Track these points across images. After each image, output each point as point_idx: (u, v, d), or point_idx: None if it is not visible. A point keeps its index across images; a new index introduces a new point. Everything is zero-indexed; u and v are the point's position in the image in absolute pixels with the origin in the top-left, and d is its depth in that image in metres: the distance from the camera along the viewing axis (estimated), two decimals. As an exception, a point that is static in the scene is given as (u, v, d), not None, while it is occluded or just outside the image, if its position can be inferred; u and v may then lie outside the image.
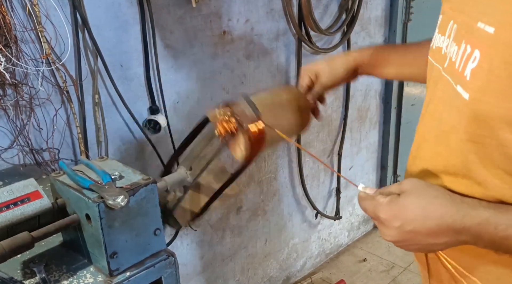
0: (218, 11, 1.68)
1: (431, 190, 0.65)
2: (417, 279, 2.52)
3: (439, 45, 0.72)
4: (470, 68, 0.60)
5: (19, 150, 1.28)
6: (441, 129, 0.70)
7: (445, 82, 0.68)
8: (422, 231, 0.63)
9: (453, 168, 0.67)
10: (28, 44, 1.24)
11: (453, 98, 0.65)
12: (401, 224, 0.64)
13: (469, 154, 0.64)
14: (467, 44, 0.61)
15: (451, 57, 0.66)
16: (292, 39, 2.00)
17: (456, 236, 0.61)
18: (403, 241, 0.66)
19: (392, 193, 0.67)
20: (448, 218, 0.61)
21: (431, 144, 0.73)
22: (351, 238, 2.86)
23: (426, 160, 0.75)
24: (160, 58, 1.54)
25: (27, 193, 0.81)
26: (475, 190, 0.64)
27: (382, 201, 0.67)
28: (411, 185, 0.66)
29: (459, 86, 0.63)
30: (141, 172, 0.86)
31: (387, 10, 2.46)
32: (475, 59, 0.59)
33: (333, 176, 2.53)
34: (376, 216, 0.68)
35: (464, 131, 0.63)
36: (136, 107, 1.52)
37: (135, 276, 0.83)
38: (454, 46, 0.66)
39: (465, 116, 0.62)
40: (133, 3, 1.43)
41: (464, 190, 0.65)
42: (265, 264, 2.31)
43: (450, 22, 0.68)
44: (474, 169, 0.64)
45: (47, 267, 0.85)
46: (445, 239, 0.62)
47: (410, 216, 0.63)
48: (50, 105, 1.32)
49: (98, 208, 0.75)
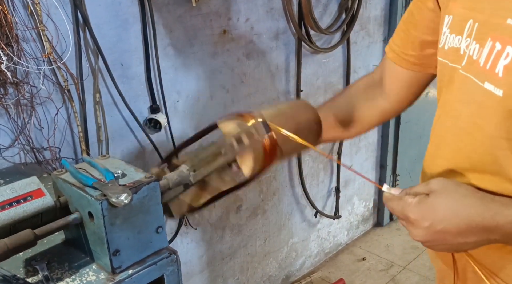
0: (218, 10, 1.68)
1: (461, 189, 0.64)
2: (416, 278, 2.52)
3: (454, 45, 0.71)
4: (502, 65, 0.60)
5: (20, 149, 1.28)
6: (460, 127, 0.69)
7: (464, 80, 0.68)
8: (451, 231, 0.63)
9: (480, 165, 0.67)
10: (29, 43, 1.24)
11: (476, 96, 0.65)
12: (430, 224, 0.64)
13: (501, 150, 0.63)
14: (496, 41, 0.61)
15: (470, 55, 0.66)
16: (292, 39, 2.00)
17: (486, 235, 0.61)
18: (432, 241, 0.66)
19: (420, 193, 0.67)
20: (477, 216, 0.61)
21: (452, 143, 0.73)
22: (350, 237, 2.87)
23: (448, 159, 0.74)
24: (160, 57, 1.54)
25: (29, 191, 0.81)
26: (506, 187, 0.64)
27: (410, 201, 0.66)
28: (440, 184, 0.66)
29: (488, 84, 0.62)
30: (143, 170, 0.87)
31: (386, 9, 2.47)
32: (508, 55, 0.59)
33: (332, 175, 2.54)
34: (405, 216, 0.67)
35: (496, 128, 0.63)
36: (136, 106, 1.52)
37: (137, 273, 0.84)
38: (474, 44, 0.65)
39: (498, 113, 0.62)
40: (133, 2, 1.44)
41: (493, 187, 0.65)
42: (265, 263, 2.32)
43: (469, 21, 0.68)
44: (506, 165, 0.63)
45: (49, 265, 0.85)
46: (475, 238, 0.62)
47: (440, 216, 0.63)
48: (51, 104, 1.32)
49: (101, 205, 0.75)
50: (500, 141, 0.63)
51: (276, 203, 2.25)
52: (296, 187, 2.33)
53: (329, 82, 2.28)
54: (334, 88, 2.32)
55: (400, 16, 2.47)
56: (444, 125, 0.76)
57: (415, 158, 2.84)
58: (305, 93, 2.14)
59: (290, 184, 2.29)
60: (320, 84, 2.23)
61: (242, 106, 1.88)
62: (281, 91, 2.05)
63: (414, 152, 2.84)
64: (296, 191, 2.34)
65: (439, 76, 0.78)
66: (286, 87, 2.06)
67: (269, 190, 2.18)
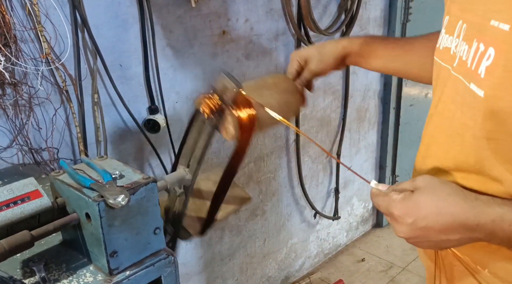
0: (218, 10, 1.68)
1: (445, 187, 0.65)
2: (416, 279, 2.52)
3: (447, 45, 0.72)
4: (484, 66, 0.60)
5: (18, 149, 1.28)
6: (453, 128, 0.70)
7: (455, 81, 0.68)
8: (434, 228, 0.63)
9: (465, 165, 0.68)
10: (27, 43, 1.23)
11: (466, 97, 0.65)
12: (413, 221, 0.64)
13: (484, 150, 0.64)
14: (480, 42, 0.62)
15: (461, 56, 0.67)
16: (291, 39, 2.00)
17: (469, 233, 0.62)
18: (415, 238, 0.67)
19: (406, 190, 0.68)
20: (461, 215, 0.61)
21: (442, 143, 0.73)
22: (349, 238, 2.87)
23: (437, 158, 0.75)
24: (159, 58, 1.54)
25: (27, 192, 0.81)
26: (489, 186, 0.65)
27: (395, 198, 0.67)
28: (425, 182, 0.66)
29: (473, 84, 0.63)
30: (141, 171, 0.86)
31: (386, 10, 2.46)
32: (490, 57, 0.59)
33: (331, 176, 2.54)
34: (389, 212, 0.68)
35: (479, 128, 0.63)
36: (135, 107, 1.52)
37: (135, 275, 0.83)
38: (464, 45, 0.66)
39: (480, 114, 0.62)
40: (132, 2, 1.43)
41: (478, 186, 0.66)
42: (264, 264, 2.31)
43: (459, 22, 0.69)
44: (488, 165, 0.64)
45: (46, 266, 0.84)
46: (458, 236, 0.63)
47: (423, 213, 0.64)
48: (50, 105, 1.32)
49: (98, 207, 0.75)
50: (483, 141, 0.64)
51: (275, 203, 2.24)
52: (296, 188, 2.33)
53: (328, 83, 2.28)
54: (333, 89, 2.32)
55: (400, 17, 2.47)
56: (436, 125, 0.76)
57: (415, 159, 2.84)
58: (304, 94, 2.14)
59: (289, 184, 2.29)
60: (319, 85, 2.23)
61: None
62: (281, 92, 2.05)
63: (413, 153, 2.79)
64: (295, 192, 2.34)
65: (433, 76, 0.79)
66: (286, 88, 2.06)
67: (269, 190, 2.18)
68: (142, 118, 1.56)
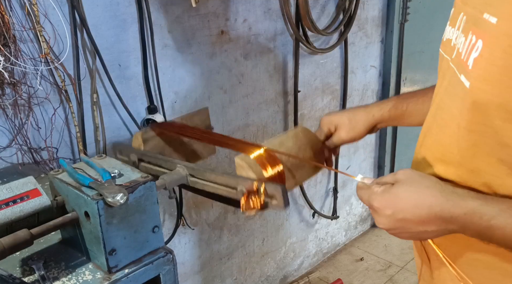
0: (216, 10, 1.69)
1: (424, 180, 0.67)
2: (414, 278, 2.53)
3: (449, 37, 0.74)
4: (473, 58, 0.62)
5: (17, 149, 1.29)
6: (443, 118, 0.72)
7: (451, 72, 0.70)
8: (412, 220, 0.66)
9: (449, 156, 0.70)
10: (26, 43, 1.24)
11: (456, 88, 0.67)
12: (392, 213, 0.67)
13: (464, 141, 0.66)
14: (473, 35, 0.64)
15: (458, 48, 0.68)
16: (289, 39, 2.01)
17: (444, 224, 0.64)
18: (395, 229, 0.69)
19: (387, 183, 0.70)
20: (437, 207, 0.64)
21: (434, 133, 0.76)
22: (348, 238, 2.87)
23: (428, 148, 0.77)
24: (158, 58, 1.54)
25: (26, 190, 0.82)
26: (467, 178, 0.67)
27: (376, 190, 0.70)
28: (405, 175, 0.69)
29: (463, 76, 0.65)
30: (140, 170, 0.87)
31: (384, 10, 2.47)
32: (478, 49, 0.61)
33: (330, 176, 2.54)
34: (370, 204, 0.71)
35: (463, 119, 0.65)
36: (134, 107, 1.53)
37: (134, 273, 0.84)
38: (462, 37, 0.68)
39: (466, 105, 0.64)
40: (131, 2, 1.44)
41: (458, 178, 0.68)
42: (263, 263, 2.32)
43: (461, 14, 0.71)
44: (467, 156, 0.66)
45: (46, 264, 0.85)
46: (435, 227, 0.65)
47: (401, 205, 0.67)
48: (49, 105, 1.32)
49: (97, 205, 0.76)
50: (465, 132, 0.66)
51: (274, 203, 2.24)
52: (294, 187, 2.33)
53: (326, 83, 2.28)
54: (331, 88, 2.32)
55: (398, 17, 2.47)
56: (432, 115, 0.78)
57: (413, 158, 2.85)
58: (302, 94, 2.14)
59: (288, 184, 2.29)
60: (318, 84, 2.24)
61: (240, 107, 1.89)
62: (279, 92, 2.05)
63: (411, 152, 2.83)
64: (294, 191, 2.34)
65: (438, 68, 0.81)
66: (284, 88, 2.07)
67: (267, 190, 2.18)
68: (141, 118, 1.56)
